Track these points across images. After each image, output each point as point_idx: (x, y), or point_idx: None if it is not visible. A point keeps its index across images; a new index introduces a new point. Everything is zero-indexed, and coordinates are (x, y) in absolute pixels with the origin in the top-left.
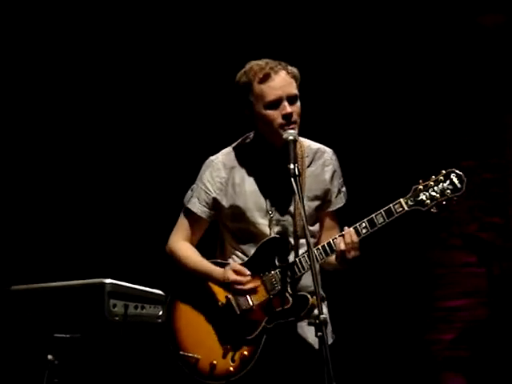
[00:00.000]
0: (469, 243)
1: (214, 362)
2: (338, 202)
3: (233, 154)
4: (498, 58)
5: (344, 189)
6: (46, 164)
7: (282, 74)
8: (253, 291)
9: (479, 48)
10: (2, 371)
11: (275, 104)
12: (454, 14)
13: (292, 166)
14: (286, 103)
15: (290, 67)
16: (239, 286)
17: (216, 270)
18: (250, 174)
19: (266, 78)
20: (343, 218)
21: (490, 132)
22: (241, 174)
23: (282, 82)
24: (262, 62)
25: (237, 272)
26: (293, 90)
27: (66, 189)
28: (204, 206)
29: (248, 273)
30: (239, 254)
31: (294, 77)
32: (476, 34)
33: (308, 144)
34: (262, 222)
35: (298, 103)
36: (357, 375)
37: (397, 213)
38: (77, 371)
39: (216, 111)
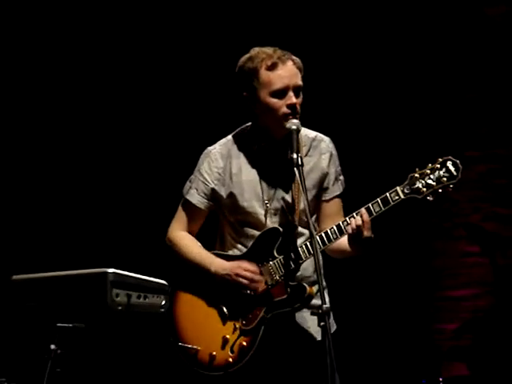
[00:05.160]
0: (472, 233)
1: (214, 353)
2: (335, 189)
3: (230, 143)
4: (504, 49)
5: (342, 177)
6: (47, 156)
7: (290, 63)
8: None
9: (485, 38)
10: (5, 361)
11: (281, 93)
12: (461, 5)
13: (295, 156)
14: (291, 93)
15: (295, 57)
16: (246, 281)
17: (218, 262)
18: (247, 164)
19: (274, 66)
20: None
21: (495, 122)
22: (238, 163)
23: (289, 71)
24: (269, 50)
25: (246, 270)
26: (299, 81)
27: (68, 180)
28: (203, 196)
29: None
30: (238, 245)
31: (299, 68)
32: (483, 25)
33: (305, 133)
34: (260, 212)
35: (302, 95)
36: (359, 365)
37: (393, 201)
38: (79, 360)
39: (214, 101)
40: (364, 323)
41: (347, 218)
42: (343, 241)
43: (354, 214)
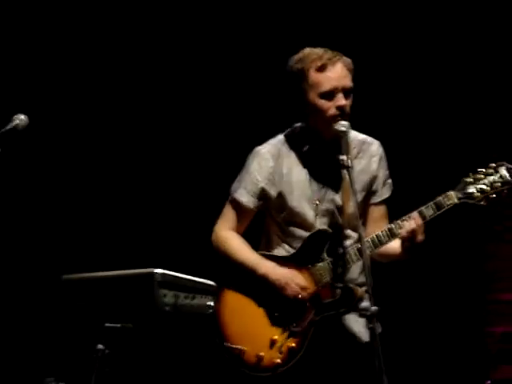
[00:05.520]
0: None
1: (261, 353)
2: (384, 193)
3: (280, 143)
4: None
5: (390, 181)
6: (103, 157)
7: (339, 65)
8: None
9: None
10: (54, 360)
11: (330, 94)
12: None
13: (344, 158)
14: (341, 95)
15: (345, 58)
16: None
17: (268, 265)
18: (297, 164)
19: (323, 67)
20: (389, 211)
21: None
22: (288, 163)
23: (339, 73)
24: (319, 51)
25: (297, 284)
26: (349, 82)
27: (117, 180)
28: (252, 196)
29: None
30: (285, 245)
31: (349, 69)
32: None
33: (355, 135)
34: (308, 213)
35: (351, 97)
36: (407, 367)
37: (447, 205)
38: (127, 361)
39: (263, 101)
40: (414, 325)
41: (399, 222)
42: (391, 244)
43: (406, 217)
